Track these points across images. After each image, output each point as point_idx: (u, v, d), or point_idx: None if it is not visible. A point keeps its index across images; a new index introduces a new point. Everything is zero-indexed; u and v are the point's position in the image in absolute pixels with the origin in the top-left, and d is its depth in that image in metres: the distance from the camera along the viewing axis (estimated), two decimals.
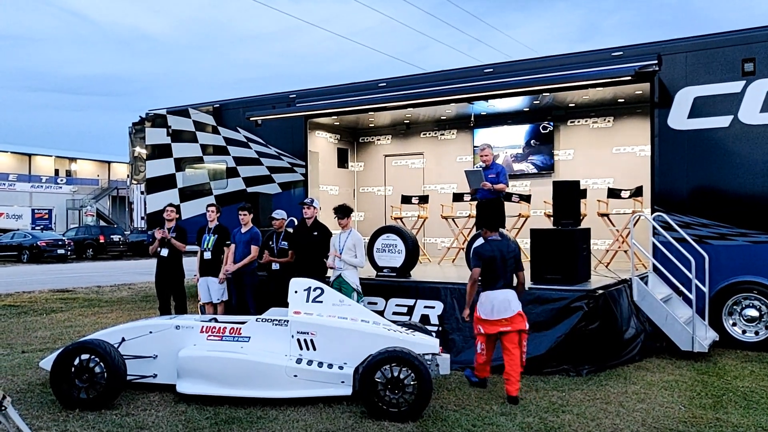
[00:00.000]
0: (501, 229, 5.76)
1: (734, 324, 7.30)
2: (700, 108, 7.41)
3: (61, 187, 48.28)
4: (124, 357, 5.31)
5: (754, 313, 7.19)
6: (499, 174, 7.63)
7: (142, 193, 13.16)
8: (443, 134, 11.44)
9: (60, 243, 25.64)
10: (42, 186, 47.23)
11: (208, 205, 8.04)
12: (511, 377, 5.22)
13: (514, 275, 5.52)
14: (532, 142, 10.53)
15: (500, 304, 5.31)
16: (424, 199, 10.54)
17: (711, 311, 7.12)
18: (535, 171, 10.50)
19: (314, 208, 7.27)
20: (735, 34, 7.39)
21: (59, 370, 5.13)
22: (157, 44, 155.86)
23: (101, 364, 5.10)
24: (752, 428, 4.62)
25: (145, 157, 12.59)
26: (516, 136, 10.65)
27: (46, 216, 42.78)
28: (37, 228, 36.41)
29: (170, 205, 8.24)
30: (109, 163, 52.81)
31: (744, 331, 7.24)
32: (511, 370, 5.22)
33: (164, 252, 7.96)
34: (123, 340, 5.56)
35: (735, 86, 7.22)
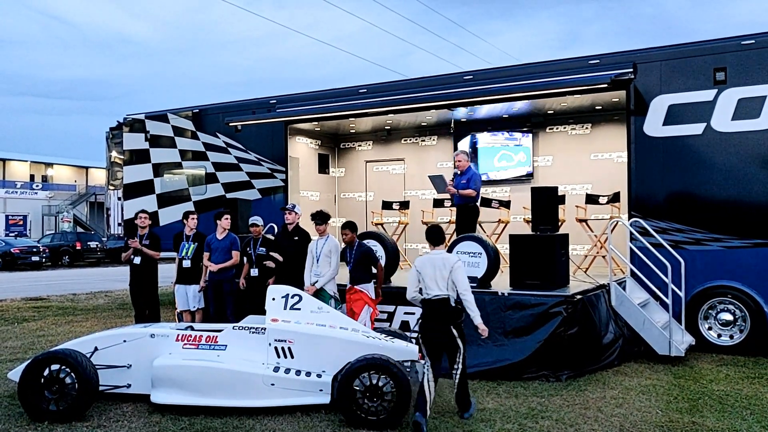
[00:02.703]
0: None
1: (710, 328, 7.40)
2: (674, 115, 7.53)
3: (36, 193, 47.31)
4: (97, 367, 5.17)
5: (728, 317, 7.30)
6: (469, 180, 7.67)
7: (119, 199, 12.96)
8: (424, 140, 11.48)
9: (34, 250, 25.07)
10: (17, 192, 46.23)
11: (188, 213, 7.93)
12: None
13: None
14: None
15: None
16: (404, 205, 10.55)
17: (687, 315, 7.21)
18: (514, 177, 10.58)
19: (296, 213, 7.25)
20: (707, 44, 7.54)
21: (28, 381, 4.98)
22: (138, 48, 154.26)
23: (72, 374, 4.97)
24: (727, 431, 4.68)
25: (122, 163, 12.41)
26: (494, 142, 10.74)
27: (21, 222, 41.94)
28: (11, 235, 35.65)
29: (143, 211, 8.12)
30: (87, 168, 51.95)
31: (719, 335, 7.34)
32: None
33: (137, 260, 7.82)
34: (96, 349, 5.43)
35: (707, 94, 7.36)
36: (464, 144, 10.83)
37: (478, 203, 7.80)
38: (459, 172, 7.76)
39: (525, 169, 10.54)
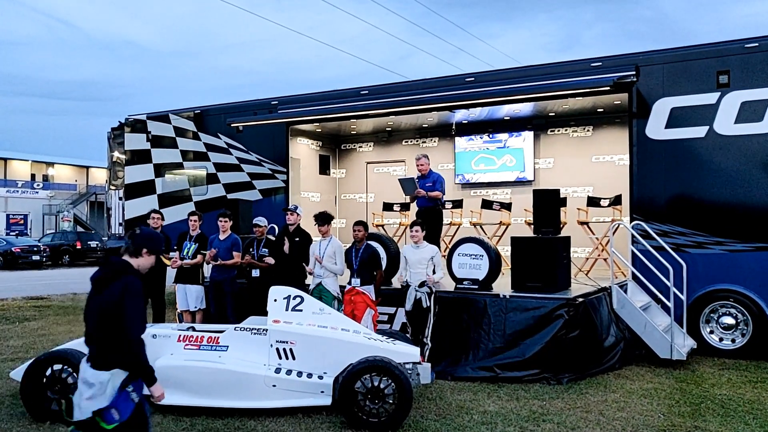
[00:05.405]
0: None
1: (711, 332, 7.38)
2: (676, 118, 7.52)
3: (37, 192, 47.36)
4: None
5: (730, 320, 7.28)
6: (435, 182, 7.72)
7: (120, 199, 12.96)
8: (425, 142, 11.48)
9: (35, 249, 25.08)
10: (17, 191, 46.28)
11: (190, 213, 7.92)
12: None
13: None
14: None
15: None
16: (405, 207, 10.52)
17: (689, 319, 7.19)
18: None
19: (297, 214, 7.25)
20: (710, 47, 7.53)
21: (30, 380, 5.00)
22: (141, 50, 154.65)
23: (74, 374, 4.97)
24: None
25: (123, 163, 12.41)
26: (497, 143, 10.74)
27: (22, 221, 41.99)
28: (11, 234, 35.67)
29: (155, 211, 8.07)
30: (87, 168, 52.04)
31: (721, 339, 7.33)
32: None
33: None
34: None
35: (710, 97, 7.35)
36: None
37: (441, 206, 7.82)
38: (422, 175, 7.81)
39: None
